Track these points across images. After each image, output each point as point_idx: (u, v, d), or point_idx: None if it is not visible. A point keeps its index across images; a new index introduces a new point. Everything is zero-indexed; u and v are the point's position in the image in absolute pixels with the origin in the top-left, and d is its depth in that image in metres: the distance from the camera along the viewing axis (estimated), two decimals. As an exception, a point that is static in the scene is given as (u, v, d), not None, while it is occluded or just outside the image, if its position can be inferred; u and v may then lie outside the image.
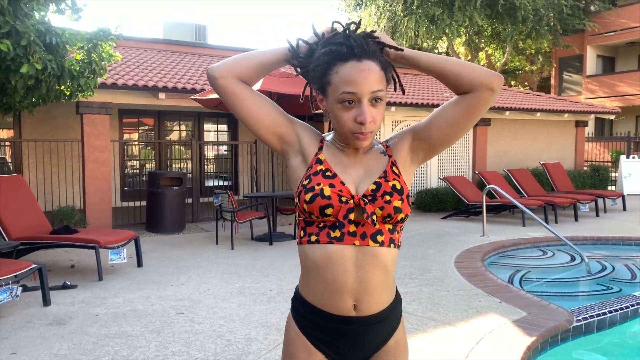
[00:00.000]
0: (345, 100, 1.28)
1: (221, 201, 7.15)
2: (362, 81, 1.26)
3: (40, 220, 5.82)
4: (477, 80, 1.32)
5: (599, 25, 22.92)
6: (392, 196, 1.31)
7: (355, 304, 1.31)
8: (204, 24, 14.87)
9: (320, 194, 1.28)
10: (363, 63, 1.27)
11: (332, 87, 1.30)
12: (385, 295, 1.35)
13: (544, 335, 3.50)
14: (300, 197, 1.31)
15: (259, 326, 3.81)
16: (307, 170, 1.35)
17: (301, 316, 1.39)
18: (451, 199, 10.15)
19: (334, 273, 1.29)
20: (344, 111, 1.29)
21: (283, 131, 1.39)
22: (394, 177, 1.35)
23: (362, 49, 1.28)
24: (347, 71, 1.27)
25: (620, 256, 6.57)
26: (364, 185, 1.33)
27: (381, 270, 1.31)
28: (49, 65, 4.86)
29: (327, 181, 1.31)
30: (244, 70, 1.36)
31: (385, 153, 1.41)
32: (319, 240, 1.31)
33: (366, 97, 1.27)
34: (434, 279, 5.10)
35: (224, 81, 1.35)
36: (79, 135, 8.46)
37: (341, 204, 1.28)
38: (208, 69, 1.37)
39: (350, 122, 1.29)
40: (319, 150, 1.38)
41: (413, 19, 20.42)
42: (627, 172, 13.20)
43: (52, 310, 4.24)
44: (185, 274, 5.44)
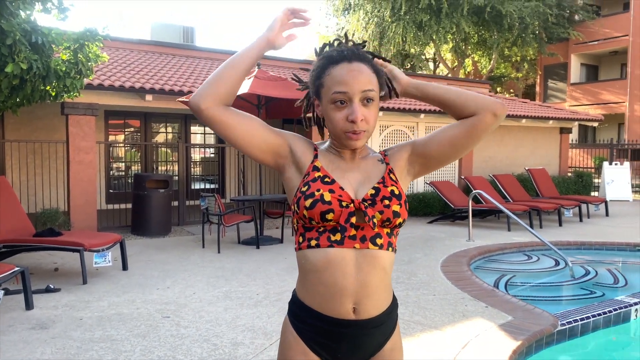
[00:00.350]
0: (337, 100, 1.31)
1: (208, 204, 7.11)
2: (352, 80, 1.30)
3: (23, 222, 5.73)
4: (481, 106, 1.38)
5: (583, 34, 23.31)
6: (390, 201, 1.33)
7: (355, 306, 1.32)
8: (191, 25, 14.84)
9: (320, 199, 1.29)
10: (353, 64, 1.32)
11: (325, 88, 1.34)
12: (383, 298, 1.37)
13: (529, 339, 3.53)
14: (299, 203, 1.32)
15: (245, 330, 3.79)
16: (304, 177, 1.36)
17: (299, 320, 1.39)
18: (437, 204, 10.22)
19: (334, 276, 1.30)
20: (336, 111, 1.32)
21: (276, 147, 1.39)
22: (392, 183, 1.38)
23: (352, 52, 1.34)
24: (338, 72, 1.32)
25: (603, 261, 6.66)
26: (363, 190, 1.35)
27: (380, 273, 1.33)
28: (34, 65, 4.81)
29: (326, 187, 1.32)
30: (227, 92, 1.33)
31: (382, 161, 1.44)
32: (319, 244, 1.31)
33: (357, 96, 1.30)
34: (420, 283, 5.12)
35: (212, 112, 1.31)
36: (63, 136, 8.36)
37: (342, 208, 1.29)
38: (190, 101, 1.32)
39: (342, 121, 1.31)
40: (314, 158, 1.39)
41: (401, 24, 20.58)
42: (609, 178, 13.40)
43: (35, 314, 4.17)
44: (171, 277, 5.40)
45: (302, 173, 1.38)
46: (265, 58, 13.74)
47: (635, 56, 23.47)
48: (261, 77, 6.96)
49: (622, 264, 6.68)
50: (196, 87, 8.76)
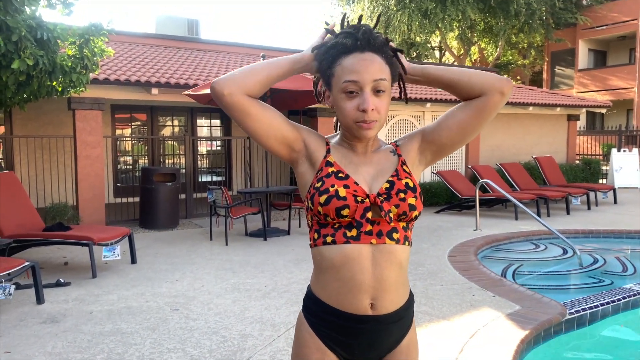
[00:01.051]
0: (348, 90, 1.29)
1: (215, 197, 7.14)
2: (363, 70, 1.29)
3: (33, 217, 5.79)
4: (487, 85, 1.36)
5: (591, 19, 23.04)
6: (406, 194, 1.32)
7: (372, 302, 1.31)
8: (196, 18, 14.79)
9: (335, 195, 1.28)
10: (365, 54, 1.30)
11: (336, 78, 1.32)
12: (400, 293, 1.36)
13: (537, 328, 3.53)
14: (313, 199, 1.30)
15: (254, 322, 3.82)
16: (317, 173, 1.35)
17: (314, 316, 1.37)
18: (444, 193, 10.19)
19: (352, 272, 1.29)
20: (347, 100, 1.31)
21: (291, 140, 1.37)
22: (406, 176, 1.36)
23: (366, 41, 1.31)
24: (350, 61, 1.30)
25: (612, 249, 6.63)
26: (377, 184, 1.34)
27: (397, 268, 1.32)
28: (40, 61, 4.83)
29: (340, 182, 1.30)
30: (254, 86, 1.32)
31: (395, 152, 1.42)
32: (335, 240, 1.30)
33: (368, 85, 1.29)
34: (427, 273, 5.13)
35: (234, 98, 1.30)
36: (71, 131, 8.40)
37: (357, 203, 1.28)
38: (213, 82, 1.31)
39: (353, 110, 1.30)
40: (327, 153, 1.37)
41: (406, 13, 20.43)
42: (618, 165, 13.30)
43: (46, 308, 4.23)
44: (180, 270, 5.44)
45: (315, 168, 1.37)
46: (270, 49, 13.71)
47: (644, 41, 23.16)
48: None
49: (631, 251, 6.65)
50: (201, 80, 8.76)
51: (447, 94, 11.33)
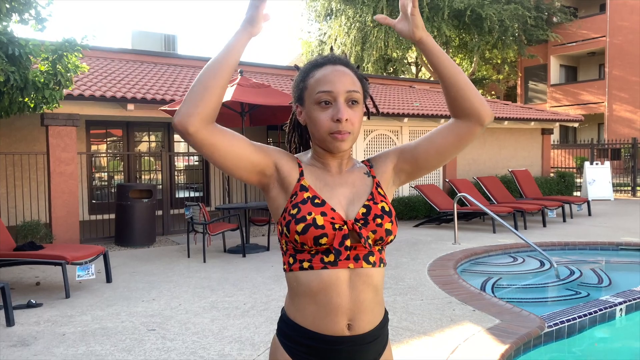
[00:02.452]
0: (322, 101, 1.30)
1: (192, 213, 7.05)
2: (337, 80, 1.30)
3: (3, 236, 5.61)
4: (475, 106, 1.34)
5: (561, 36, 23.69)
6: (382, 219, 1.31)
7: (350, 323, 1.30)
8: (173, 33, 14.74)
9: (313, 223, 1.25)
10: (337, 66, 1.34)
11: (309, 90, 1.33)
12: (376, 313, 1.35)
13: (517, 342, 3.54)
14: (289, 227, 1.27)
15: (232, 341, 3.75)
16: (292, 198, 1.31)
17: (290, 340, 1.34)
18: (423, 207, 10.26)
19: (329, 296, 1.28)
20: (321, 111, 1.30)
21: (262, 167, 1.32)
22: (381, 199, 1.35)
23: (336, 57, 1.36)
24: (323, 72, 1.32)
25: (587, 261, 6.73)
26: (354, 209, 1.32)
27: (373, 289, 1.32)
28: (11, 77, 4.73)
29: (317, 209, 1.27)
30: (215, 105, 1.22)
31: (369, 174, 1.41)
32: (313, 266, 1.28)
33: (342, 96, 1.29)
34: (408, 287, 5.12)
35: (201, 135, 1.20)
36: (44, 147, 8.23)
37: (335, 231, 1.26)
38: (175, 123, 1.19)
39: (327, 121, 1.29)
40: (300, 176, 1.34)
41: (383, 29, 20.71)
42: (591, 178, 13.59)
43: (16, 330, 4.08)
44: (157, 288, 5.33)
45: (287, 192, 1.33)
46: (248, 65, 13.72)
47: (613, 57, 23.91)
48: (244, 84, 6.93)
49: (606, 263, 6.76)
50: (178, 95, 8.69)
51: (424, 109, 11.46)
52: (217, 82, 1.21)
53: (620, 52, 23.61)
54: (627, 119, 23.30)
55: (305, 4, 24.53)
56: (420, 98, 13.63)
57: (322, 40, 25.19)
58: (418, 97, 13.67)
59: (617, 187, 15.53)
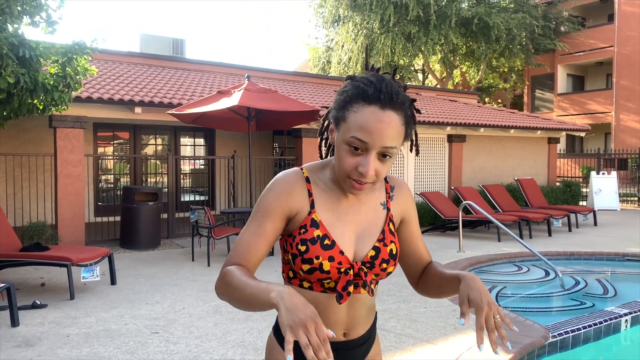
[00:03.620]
0: (353, 145, 1.19)
1: (197, 217, 7.07)
2: (377, 133, 1.17)
3: (10, 236, 5.65)
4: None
5: (568, 46, 23.67)
6: (388, 263, 1.32)
7: (345, 332, 1.34)
8: (181, 37, 14.83)
9: (319, 268, 1.24)
10: (386, 113, 1.17)
11: (346, 125, 1.21)
12: (370, 319, 1.41)
13: (520, 352, 3.52)
14: (295, 261, 1.26)
15: (235, 346, 3.75)
16: (301, 230, 1.27)
17: None
18: (428, 215, 10.24)
19: (326, 314, 1.29)
20: (349, 155, 1.21)
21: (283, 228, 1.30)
22: (391, 239, 1.34)
23: (389, 96, 1.18)
24: (366, 116, 1.17)
25: (593, 271, 6.70)
26: (363, 248, 1.30)
27: (368, 307, 1.37)
28: (21, 79, 4.77)
29: (326, 253, 1.24)
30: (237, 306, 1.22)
31: (385, 206, 1.37)
32: (312, 287, 1.29)
33: (375, 149, 1.18)
34: (411, 295, 5.11)
35: None
36: (51, 149, 8.29)
37: (340, 274, 1.25)
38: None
39: (351, 167, 1.21)
40: (311, 208, 1.28)
41: (390, 36, 20.75)
42: (597, 187, 13.53)
43: (21, 331, 4.10)
44: (161, 292, 5.34)
45: (297, 222, 1.28)
46: (255, 70, 13.79)
47: (621, 66, 23.85)
48: (251, 89, 6.96)
49: (611, 274, 6.72)
50: (185, 99, 8.73)
51: (430, 117, 11.45)
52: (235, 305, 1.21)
53: (628, 62, 23.55)
54: (635, 129, 23.21)
55: (313, 10, 24.63)
56: (427, 105, 13.63)
57: (329, 46, 25.27)
58: (424, 105, 13.67)
59: (624, 198, 15.45)
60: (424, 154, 11.60)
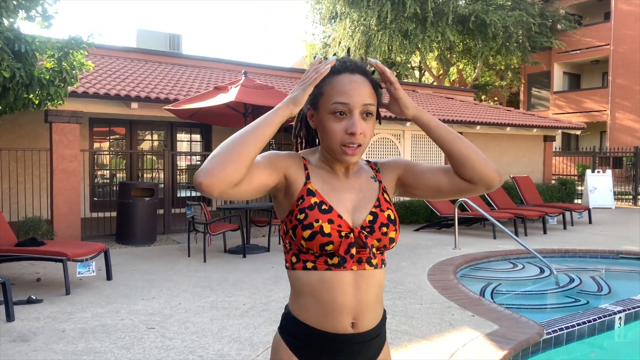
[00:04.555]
0: (337, 111, 1.28)
1: (194, 213, 7.06)
2: (354, 92, 1.28)
3: (5, 231, 5.63)
4: (480, 174, 1.34)
5: (565, 44, 23.71)
6: (388, 227, 1.33)
7: (354, 321, 1.32)
8: (178, 33, 14.78)
9: (320, 231, 1.26)
10: (356, 76, 1.31)
11: (324, 97, 1.31)
12: (378, 311, 1.39)
13: (515, 348, 3.54)
14: (296, 232, 1.28)
15: (231, 341, 3.76)
16: (298, 201, 1.31)
17: (294, 337, 1.36)
18: (424, 211, 10.26)
19: (333, 295, 1.30)
20: (335, 122, 1.29)
21: (275, 184, 1.32)
22: (387, 206, 1.38)
23: (354, 64, 1.33)
24: (340, 82, 1.30)
25: (587, 268, 6.73)
26: (360, 215, 1.34)
27: (376, 289, 1.35)
28: (17, 74, 4.75)
29: (325, 216, 1.28)
30: (242, 173, 1.20)
31: (375, 178, 1.42)
32: (316, 267, 1.30)
33: (358, 108, 1.28)
34: (407, 291, 5.12)
35: (225, 195, 1.20)
36: (47, 144, 8.25)
37: (341, 238, 1.27)
38: (199, 183, 1.17)
39: (341, 133, 1.29)
40: (307, 180, 1.34)
41: (387, 33, 20.73)
42: (592, 185, 13.58)
43: (16, 326, 4.09)
44: (156, 287, 5.34)
45: (293, 195, 1.33)
46: (252, 66, 13.75)
47: (616, 65, 23.91)
48: (248, 85, 6.95)
49: (606, 271, 6.76)
50: (182, 95, 8.71)
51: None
52: (249, 151, 1.21)
53: (624, 61, 23.62)
54: (630, 127, 23.30)
55: (310, 7, 24.57)
56: (423, 102, 13.64)
57: (327, 43, 25.22)
58: (421, 102, 13.68)
59: (619, 196, 15.52)
60: (419, 151, 11.61)
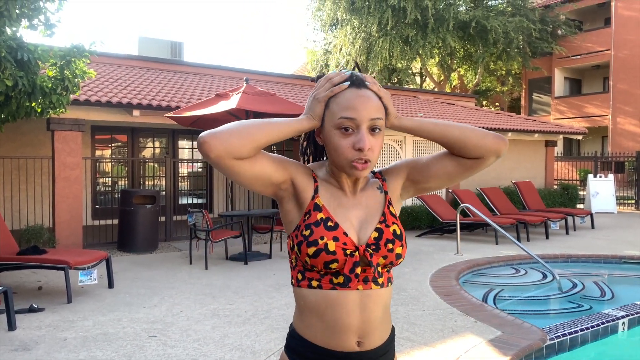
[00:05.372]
0: (343, 127, 1.25)
1: (195, 220, 7.06)
2: (361, 107, 1.25)
3: (7, 240, 5.63)
4: (484, 149, 1.33)
5: (566, 49, 23.74)
6: (394, 244, 1.31)
7: (360, 340, 1.30)
8: (180, 40, 14.85)
9: (324, 249, 1.24)
10: (362, 90, 1.27)
11: (330, 113, 1.28)
12: (385, 329, 1.36)
13: (518, 354, 3.52)
14: (301, 248, 1.27)
15: (233, 349, 3.74)
16: (305, 216, 1.30)
17: (300, 356, 1.34)
18: (426, 217, 10.24)
19: (338, 315, 1.28)
20: (342, 138, 1.26)
21: (279, 183, 1.31)
22: (393, 221, 1.34)
23: (360, 79, 1.29)
24: (347, 96, 1.26)
25: (590, 273, 6.71)
26: (365, 232, 1.31)
27: (382, 308, 1.33)
28: (19, 82, 4.77)
29: (330, 234, 1.26)
30: (249, 152, 1.21)
31: (381, 189, 1.39)
32: (322, 286, 1.28)
33: (365, 123, 1.25)
34: (409, 298, 5.11)
35: (221, 161, 1.20)
36: (49, 151, 8.27)
37: (346, 257, 1.25)
38: (202, 139, 1.18)
39: (348, 149, 1.25)
40: (315, 194, 1.32)
41: (387, 39, 20.79)
42: (594, 190, 13.56)
43: (18, 335, 4.09)
44: (158, 295, 5.33)
45: (301, 208, 1.32)
46: (253, 73, 13.79)
47: (617, 70, 23.92)
48: (249, 92, 6.97)
49: (609, 276, 6.74)
50: (184, 102, 8.74)
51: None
52: (260, 136, 1.22)
53: (624, 66, 23.63)
54: (631, 132, 23.28)
55: (311, 14, 24.67)
56: (424, 108, 13.66)
57: (327, 49, 25.30)
58: (422, 108, 13.70)
59: (621, 200, 15.48)
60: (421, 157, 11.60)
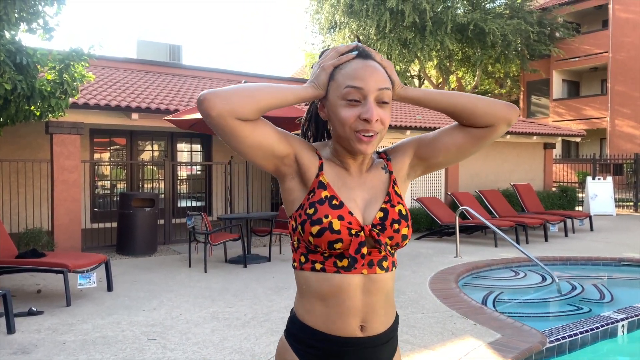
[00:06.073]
0: (350, 98, 1.20)
1: (194, 223, 7.06)
2: (368, 77, 1.20)
3: (6, 243, 5.63)
4: (494, 117, 1.31)
5: (563, 51, 23.80)
6: (400, 224, 1.27)
7: (362, 324, 1.27)
8: (178, 44, 14.86)
9: (329, 227, 1.20)
10: (369, 61, 1.24)
11: (336, 84, 1.23)
12: (389, 314, 1.33)
13: (518, 357, 3.52)
14: (304, 227, 1.22)
15: (233, 352, 3.74)
16: (309, 195, 1.26)
17: (300, 342, 1.30)
18: (424, 220, 10.25)
19: (341, 299, 1.24)
20: (348, 109, 1.21)
21: (281, 157, 1.26)
22: (398, 201, 1.31)
23: (366, 50, 1.26)
24: (353, 66, 1.22)
25: (589, 276, 6.71)
26: (371, 212, 1.27)
27: (386, 292, 1.30)
28: (18, 86, 4.77)
29: (335, 212, 1.22)
30: (250, 114, 1.17)
31: (386, 169, 1.35)
32: (325, 269, 1.24)
33: (373, 94, 1.20)
34: (409, 301, 5.11)
35: (221, 120, 1.15)
36: (47, 155, 8.27)
37: (351, 237, 1.21)
38: (202, 97, 1.14)
39: (353, 118, 1.20)
40: (319, 171, 1.28)
41: (386, 42, 20.83)
42: (593, 193, 13.57)
43: (17, 338, 4.08)
44: (157, 298, 5.32)
45: (305, 186, 1.27)
46: (251, 75, 13.80)
47: (615, 72, 23.98)
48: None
49: (608, 279, 6.74)
50: (182, 105, 8.74)
51: (426, 122, 11.50)
52: (263, 98, 1.19)
53: (622, 68, 23.69)
54: (630, 134, 23.33)
55: (309, 17, 24.71)
56: (423, 111, 13.68)
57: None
58: (420, 110, 13.72)
59: (619, 203, 15.50)
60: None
